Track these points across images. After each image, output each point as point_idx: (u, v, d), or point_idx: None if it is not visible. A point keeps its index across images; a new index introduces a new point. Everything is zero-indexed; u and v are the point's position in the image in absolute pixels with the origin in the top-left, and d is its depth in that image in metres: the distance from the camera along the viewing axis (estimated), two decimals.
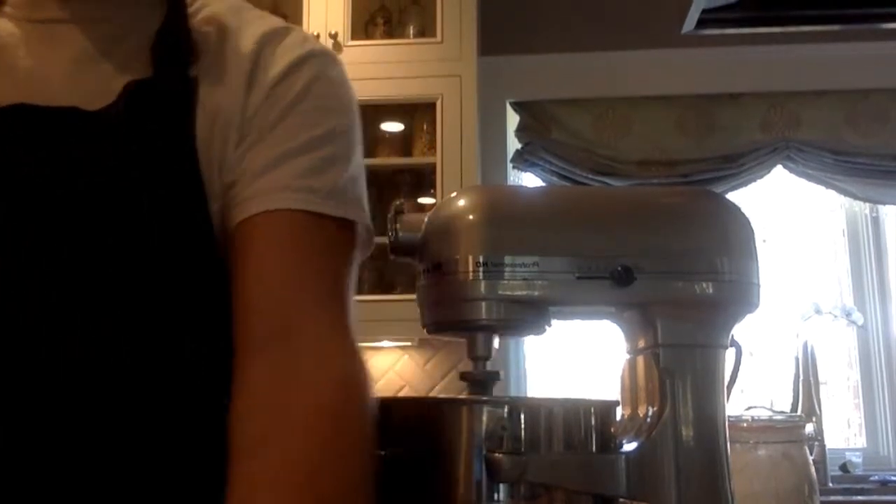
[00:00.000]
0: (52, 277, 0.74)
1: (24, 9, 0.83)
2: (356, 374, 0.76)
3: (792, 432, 1.33)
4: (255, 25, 0.85)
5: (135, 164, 0.76)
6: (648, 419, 0.95)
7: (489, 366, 0.99)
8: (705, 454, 0.94)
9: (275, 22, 0.88)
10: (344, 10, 2.96)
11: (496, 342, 1.00)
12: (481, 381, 0.98)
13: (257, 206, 0.77)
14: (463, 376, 0.99)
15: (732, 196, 2.80)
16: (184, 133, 0.78)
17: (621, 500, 0.91)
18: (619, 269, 0.93)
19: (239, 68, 0.82)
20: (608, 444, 0.93)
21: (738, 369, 1.03)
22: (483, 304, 0.94)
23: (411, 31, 3.05)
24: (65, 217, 0.75)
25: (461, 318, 0.95)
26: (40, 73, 0.80)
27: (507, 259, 0.93)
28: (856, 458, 2.96)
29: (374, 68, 2.92)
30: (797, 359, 2.83)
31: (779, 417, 1.43)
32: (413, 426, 0.90)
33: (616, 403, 0.99)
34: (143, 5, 0.85)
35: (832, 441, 3.00)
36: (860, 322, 3.15)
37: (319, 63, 0.87)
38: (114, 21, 0.84)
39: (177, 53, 0.81)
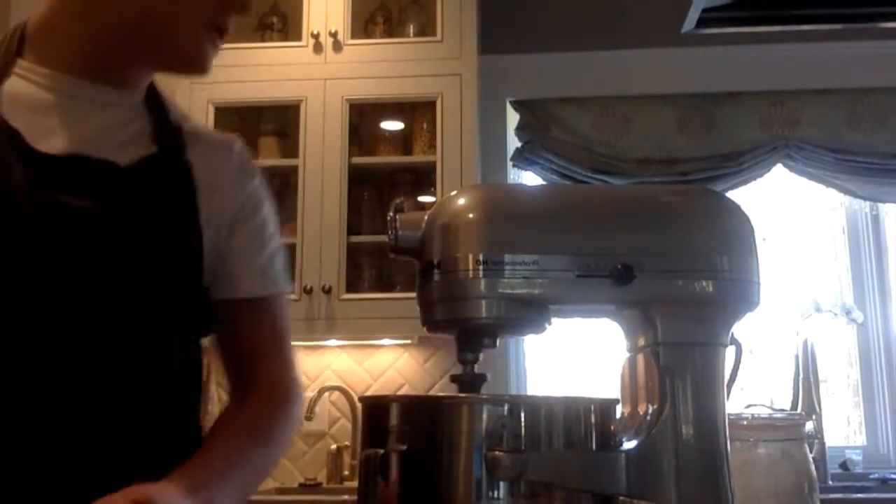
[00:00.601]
0: (77, 287, 0.94)
1: (44, 77, 0.99)
2: (287, 397, 1.12)
3: (792, 430, 1.33)
4: (216, 134, 1.21)
5: (153, 206, 1.00)
6: (648, 417, 0.95)
7: (478, 368, 1.00)
8: (705, 452, 0.94)
9: (226, 133, 1.21)
10: (344, 8, 2.96)
11: (497, 342, 1.00)
12: (470, 382, 0.98)
13: (256, 290, 1.12)
14: (453, 379, 1.00)
15: (732, 195, 2.79)
16: (188, 193, 1.04)
17: (621, 498, 0.91)
18: (619, 267, 0.93)
19: (229, 165, 1.12)
20: (608, 442, 0.93)
21: (738, 367, 1.03)
22: (483, 302, 0.94)
23: (411, 30, 3.05)
24: (99, 241, 0.96)
25: (461, 317, 0.96)
26: (77, 134, 0.98)
27: (507, 257, 0.93)
28: (856, 456, 2.96)
29: (373, 67, 2.92)
30: (797, 357, 2.84)
31: (779, 415, 1.43)
32: (413, 424, 0.90)
33: (616, 401, 0.99)
34: (133, 105, 1.06)
35: (832, 439, 3.00)
36: (860, 320, 3.15)
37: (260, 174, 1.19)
38: (117, 109, 1.03)
39: (173, 141, 1.05)
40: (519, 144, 3.27)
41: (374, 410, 0.96)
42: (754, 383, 3.16)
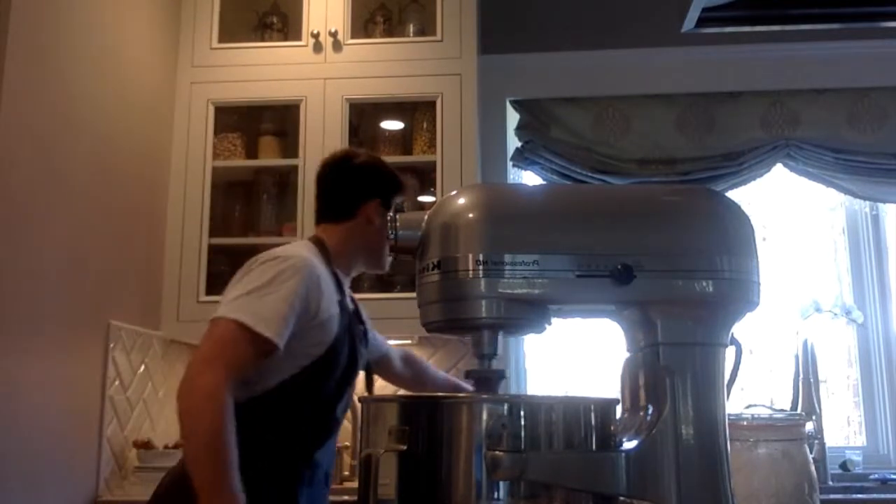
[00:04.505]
0: None
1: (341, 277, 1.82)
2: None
3: (792, 431, 1.33)
4: None
5: None
6: (648, 417, 0.95)
7: (495, 364, 0.99)
8: (705, 452, 0.94)
9: None
10: (344, 8, 2.96)
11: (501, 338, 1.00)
12: (488, 378, 0.98)
13: None
14: (469, 374, 0.99)
15: (732, 194, 2.80)
16: None
17: (621, 498, 0.91)
18: (619, 267, 0.93)
19: None
20: (608, 442, 0.93)
21: (738, 367, 1.03)
22: (483, 302, 0.94)
23: (411, 30, 3.05)
24: None
25: (461, 317, 0.95)
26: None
27: (507, 257, 0.93)
28: (855, 457, 2.96)
29: (374, 67, 2.92)
30: (797, 357, 2.83)
31: (779, 416, 1.43)
32: (413, 424, 0.90)
33: (616, 401, 0.99)
34: None
35: (832, 439, 3.01)
36: (860, 320, 3.15)
37: None
38: None
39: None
40: (519, 144, 3.27)
41: (374, 410, 0.96)
42: (754, 383, 3.16)
